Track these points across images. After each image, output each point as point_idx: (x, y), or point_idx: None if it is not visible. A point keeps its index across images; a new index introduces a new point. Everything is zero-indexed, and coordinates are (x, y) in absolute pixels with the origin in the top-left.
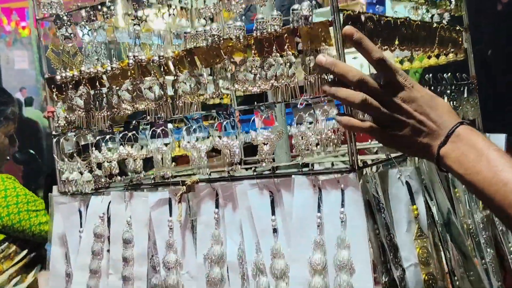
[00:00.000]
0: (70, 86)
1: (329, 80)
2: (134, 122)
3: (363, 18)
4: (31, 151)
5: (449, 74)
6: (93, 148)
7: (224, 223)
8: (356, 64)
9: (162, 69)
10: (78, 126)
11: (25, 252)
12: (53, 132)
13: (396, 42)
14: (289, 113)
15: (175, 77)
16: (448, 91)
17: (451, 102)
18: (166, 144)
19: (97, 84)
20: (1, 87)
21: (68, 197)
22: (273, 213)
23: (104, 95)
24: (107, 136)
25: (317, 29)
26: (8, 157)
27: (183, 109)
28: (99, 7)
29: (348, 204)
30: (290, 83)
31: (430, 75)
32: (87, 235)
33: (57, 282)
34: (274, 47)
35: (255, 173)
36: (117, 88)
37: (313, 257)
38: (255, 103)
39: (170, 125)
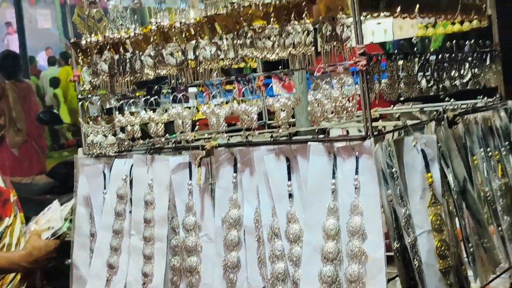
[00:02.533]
0: (95, 51)
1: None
2: (156, 87)
3: None
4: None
5: (472, 41)
6: (117, 112)
7: (242, 188)
8: (380, 30)
9: (184, 35)
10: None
11: None
12: (79, 96)
13: (416, 10)
14: None
15: (196, 43)
16: (470, 59)
17: (473, 70)
18: (188, 108)
19: (121, 49)
20: None
21: (92, 159)
22: (289, 178)
23: (128, 60)
24: (130, 100)
25: None
26: None
27: (204, 75)
28: None
29: (362, 171)
30: (307, 51)
31: (454, 41)
32: (111, 196)
33: (82, 241)
34: (292, 15)
35: (272, 139)
36: (140, 53)
37: (327, 222)
38: (280, 67)
39: (194, 89)
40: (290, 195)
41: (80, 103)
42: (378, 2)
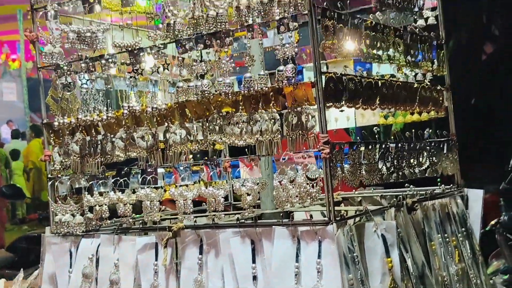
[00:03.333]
0: (67, 132)
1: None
2: (126, 168)
3: (344, 79)
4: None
5: (429, 130)
6: (86, 192)
7: (207, 269)
8: (343, 117)
9: (155, 119)
10: (73, 170)
11: None
12: (49, 175)
13: (377, 102)
14: None
15: (167, 127)
16: (428, 147)
17: (431, 158)
18: (156, 188)
19: (93, 131)
20: None
21: (59, 238)
22: (253, 261)
23: (99, 142)
24: (100, 181)
25: (301, 89)
26: None
27: (173, 158)
28: (98, 58)
29: (324, 255)
30: (274, 138)
31: (413, 130)
32: (76, 275)
33: None
34: (260, 104)
35: (237, 222)
36: (112, 135)
37: None
38: (246, 151)
39: (162, 169)
40: (255, 277)
41: (50, 182)
42: (341, 95)
